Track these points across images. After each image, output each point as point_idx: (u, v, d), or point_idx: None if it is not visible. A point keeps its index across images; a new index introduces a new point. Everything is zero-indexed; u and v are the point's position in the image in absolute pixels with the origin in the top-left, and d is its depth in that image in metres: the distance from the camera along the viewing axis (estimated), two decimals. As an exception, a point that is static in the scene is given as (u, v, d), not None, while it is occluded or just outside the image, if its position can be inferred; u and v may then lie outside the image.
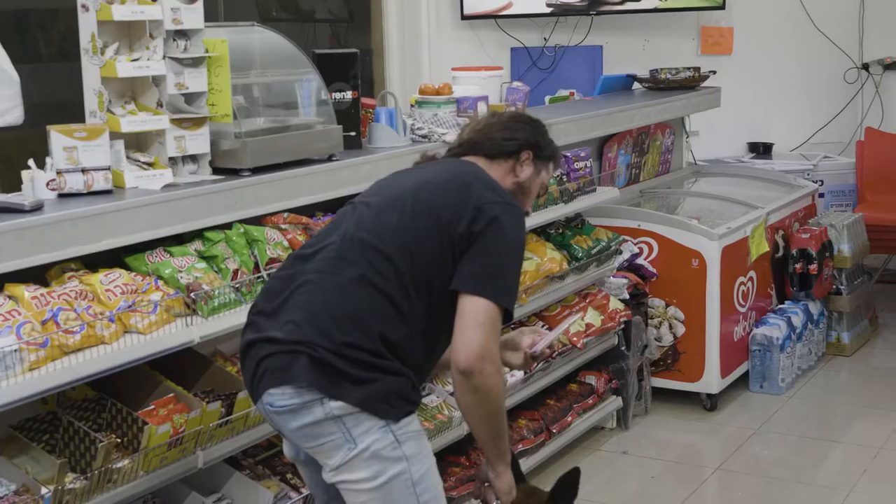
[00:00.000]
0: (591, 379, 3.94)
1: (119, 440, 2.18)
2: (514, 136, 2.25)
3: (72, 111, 2.73)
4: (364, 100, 3.32)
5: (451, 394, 2.87)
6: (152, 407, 2.22)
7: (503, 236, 2.05)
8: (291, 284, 2.05)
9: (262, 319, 2.05)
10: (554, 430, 3.64)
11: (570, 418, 3.73)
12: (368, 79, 5.68)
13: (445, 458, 3.20)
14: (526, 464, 3.47)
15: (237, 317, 2.39)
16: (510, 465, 2.15)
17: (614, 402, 4.02)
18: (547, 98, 5.21)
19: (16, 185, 2.42)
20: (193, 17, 2.61)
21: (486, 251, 2.02)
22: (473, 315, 1.99)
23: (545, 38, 5.99)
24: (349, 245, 2.05)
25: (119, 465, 2.12)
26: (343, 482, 2.02)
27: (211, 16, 4.92)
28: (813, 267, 4.67)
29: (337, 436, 1.97)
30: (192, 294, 2.32)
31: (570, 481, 2.22)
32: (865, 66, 5.96)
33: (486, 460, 2.16)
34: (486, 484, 2.17)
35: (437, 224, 2.03)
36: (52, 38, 4.18)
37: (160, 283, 2.33)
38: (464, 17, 5.78)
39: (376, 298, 2.00)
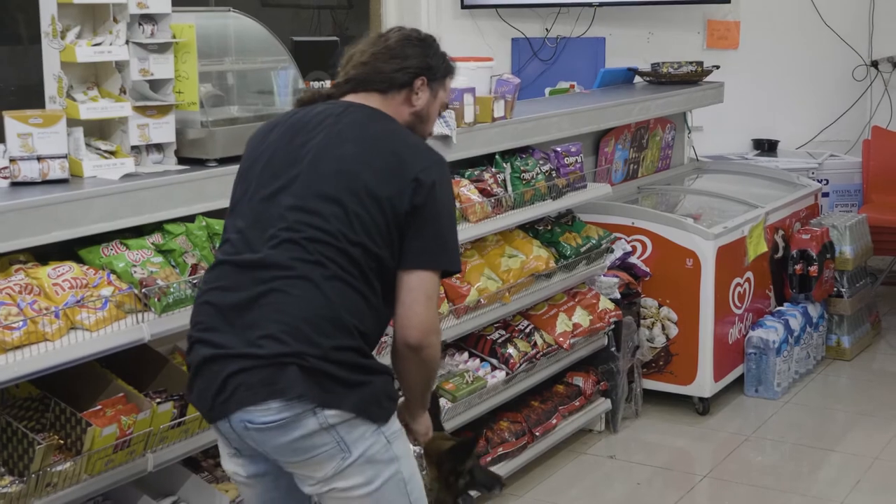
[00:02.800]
0: (579, 380, 3.83)
1: (62, 441, 2.09)
2: (405, 64, 2.11)
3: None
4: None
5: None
6: (99, 407, 2.13)
7: (443, 201, 2.01)
8: (241, 294, 1.92)
9: (219, 335, 1.92)
10: (537, 433, 3.54)
11: (554, 421, 3.63)
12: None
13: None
14: (507, 467, 3.37)
15: (193, 314, 2.29)
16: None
17: (603, 405, 3.91)
18: (547, 90, 5.12)
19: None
20: (160, 2, 2.52)
21: (431, 222, 1.98)
22: (423, 290, 1.97)
23: (547, 29, 5.87)
24: (299, 247, 1.93)
25: (60, 467, 2.03)
26: (332, 490, 1.94)
27: (204, 1, 4.84)
28: (813, 268, 4.54)
29: (330, 446, 1.90)
30: (144, 290, 2.23)
31: (468, 445, 2.30)
32: (875, 64, 5.82)
33: (406, 407, 2.14)
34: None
35: (379, 207, 1.96)
36: (31, 20, 4.10)
37: (113, 277, 2.23)
38: (464, 6, 5.67)
39: (347, 293, 1.93)
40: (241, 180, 2.08)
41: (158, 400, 2.23)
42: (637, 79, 5.14)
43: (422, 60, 2.14)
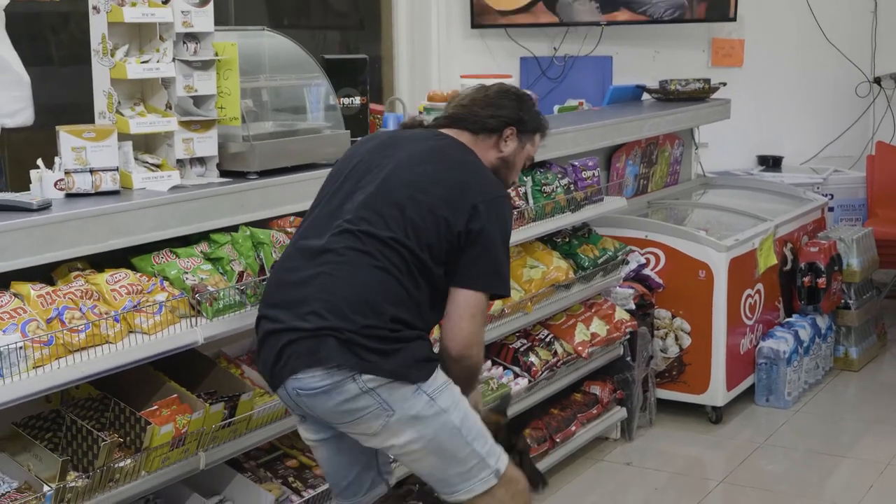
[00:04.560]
0: (596, 389, 3.93)
1: (122, 440, 2.18)
2: (499, 113, 2.35)
3: (81, 113, 2.75)
4: (373, 106, 3.33)
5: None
6: (155, 407, 2.22)
7: (499, 232, 2.21)
8: (301, 275, 2.15)
9: (278, 311, 2.16)
10: (557, 440, 3.63)
11: (574, 428, 3.72)
12: (377, 86, 5.69)
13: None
14: (529, 473, 3.45)
15: (241, 319, 2.40)
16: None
17: (619, 413, 4.00)
18: (556, 107, 5.21)
19: (25, 185, 2.44)
20: (204, 21, 2.62)
21: (485, 249, 2.18)
22: (467, 307, 2.18)
23: (555, 48, 6.00)
24: (355, 237, 2.15)
25: (121, 464, 2.12)
26: (391, 447, 2.15)
27: (222, 21, 4.96)
28: (821, 281, 4.65)
29: (373, 407, 2.09)
30: (196, 295, 2.33)
31: (523, 418, 2.61)
32: (877, 80, 5.94)
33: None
34: None
35: (435, 220, 2.17)
36: (63, 41, 4.21)
37: (166, 283, 2.33)
38: (474, 26, 5.79)
39: (388, 283, 2.12)
40: (332, 178, 2.32)
41: (210, 401, 2.32)
42: (644, 96, 5.26)
43: (514, 112, 2.36)
